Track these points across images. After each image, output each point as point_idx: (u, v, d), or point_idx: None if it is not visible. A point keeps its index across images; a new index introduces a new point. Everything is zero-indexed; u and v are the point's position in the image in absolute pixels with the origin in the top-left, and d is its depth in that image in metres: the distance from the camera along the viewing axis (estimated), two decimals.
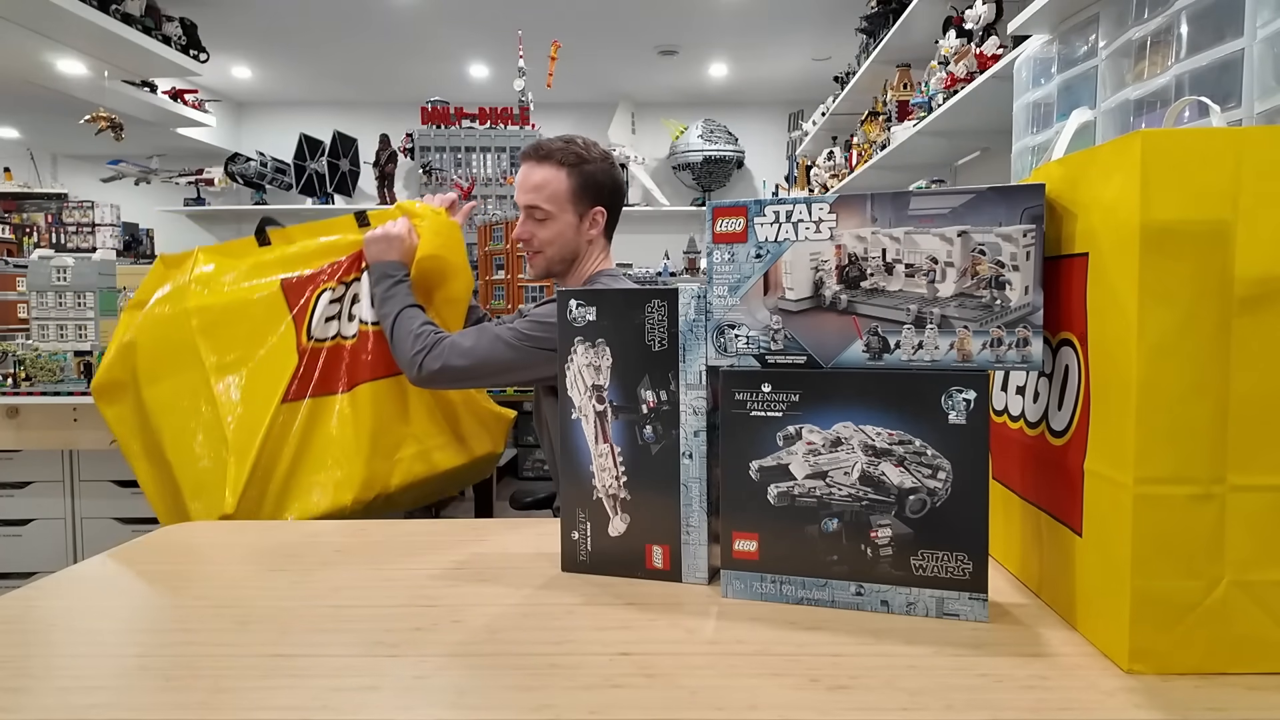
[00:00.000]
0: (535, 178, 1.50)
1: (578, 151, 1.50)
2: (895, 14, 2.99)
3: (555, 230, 1.52)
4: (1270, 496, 0.60)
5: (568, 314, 0.87)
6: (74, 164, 5.97)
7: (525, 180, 1.50)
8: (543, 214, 1.50)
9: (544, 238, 1.52)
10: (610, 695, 0.60)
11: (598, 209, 1.54)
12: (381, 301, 1.46)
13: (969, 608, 0.73)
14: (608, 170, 1.55)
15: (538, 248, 1.53)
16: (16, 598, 0.82)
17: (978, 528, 0.72)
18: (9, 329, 3.27)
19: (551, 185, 1.49)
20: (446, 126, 3.33)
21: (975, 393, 0.71)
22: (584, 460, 0.87)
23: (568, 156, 1.49)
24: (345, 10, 4.05)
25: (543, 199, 1.49)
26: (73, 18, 3.01)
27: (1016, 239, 0.70)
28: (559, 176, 1.49)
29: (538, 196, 1.49)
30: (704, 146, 5.56)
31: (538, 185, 1.49)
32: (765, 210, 0.77)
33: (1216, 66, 1.23)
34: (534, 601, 0.80)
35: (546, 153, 1.49)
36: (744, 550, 0.79)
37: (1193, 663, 0.61)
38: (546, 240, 1.52)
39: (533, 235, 1.52)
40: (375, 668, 0.65)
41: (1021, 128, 1.90)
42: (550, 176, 1.49)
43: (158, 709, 0.59)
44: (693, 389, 0.83)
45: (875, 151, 3.39)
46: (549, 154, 1.49)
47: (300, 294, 1.48)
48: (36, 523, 2.53)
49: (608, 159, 1.56)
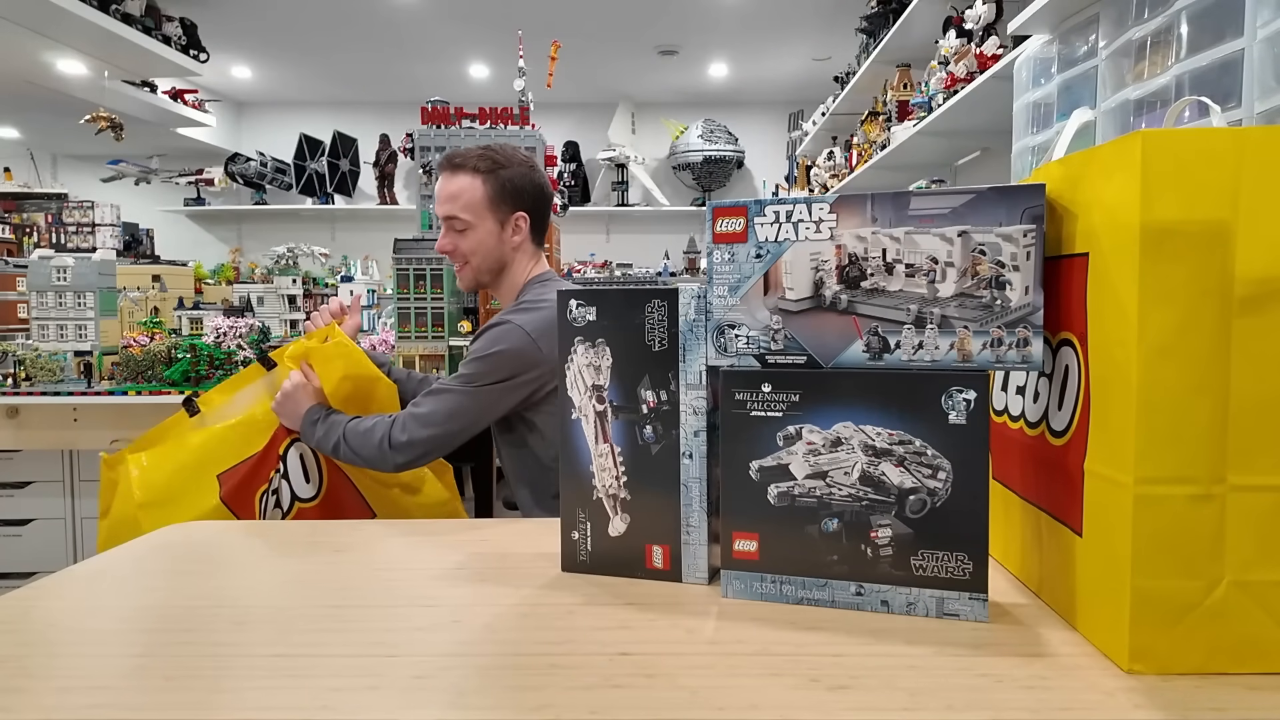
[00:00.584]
0: (451, 187, 1.48)
1: (493, 158, 1.48)
2: (895, 14, 2.99)
3: (476, 239, 1.49)
4: (1270, 496, 0.60)
5: (568, 314, 0.87)
6: (74, 164, 5.97)
7: (442, 191, 1.49)
8: (462, 224, 1.48)
9: (466, 248, 1.50)
10: (610, 695, 0.60)
11: (519, 214, 1.52)
12: (324, 440, 1.39)
13: (969, 608, 0.73)
14: (527, 174, 1.52)
15: (463, 258, 1.51)
16: (16, 598, 0.82)
17: (978, 528, 0.72)
18: (9, 329, 3.27)
19: (467, 194, 1.47)
20: (446, 126, 3.33)
21: (975, 393, 0.71)
22: (584, 460, 0.87)
23: (482, 163, 1.47)
24: (345, 10, 4.05)
25: (459, 208, 1.47)
26: (73, 18, 3.01)
27: (1017, 239, 0.70)
28: (475, 184, 1.47)
29: (454, 206, 1.47)
30: (704, 146, 5.56)
31: (453, 195, 1.47)
32: (765, 210, 0.77)
33: (1216, 66, 1.23)
34: (534, 601, 0.80)
35: (461, 161, 1.48)
36: (744, 550, 0.79)
37: (1193, 663, 0.61)
38: (469, 250, 1.50)
39: (455, 246, 1.50)
40: (375, 668, 0.65)
41: (1021, 128, 1.90)
42: (466, 185, 1.47)
43: (158, 709, 0.59)
44: (693, 389, 0.83)
45: (875, 151, 3.39)
46: (463, 163, 1.47)
47: (245, 504, 1.41)
48: (36, 523, 2.53)
49: (527, 163, 1.53)
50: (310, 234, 5.68)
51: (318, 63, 4.98)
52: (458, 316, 2.91)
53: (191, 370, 2.43)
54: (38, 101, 4.20)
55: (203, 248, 5.83)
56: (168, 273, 3.63)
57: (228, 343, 2.53)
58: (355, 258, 5.34)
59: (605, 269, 5.56)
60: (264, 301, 3.07)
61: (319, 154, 5.50)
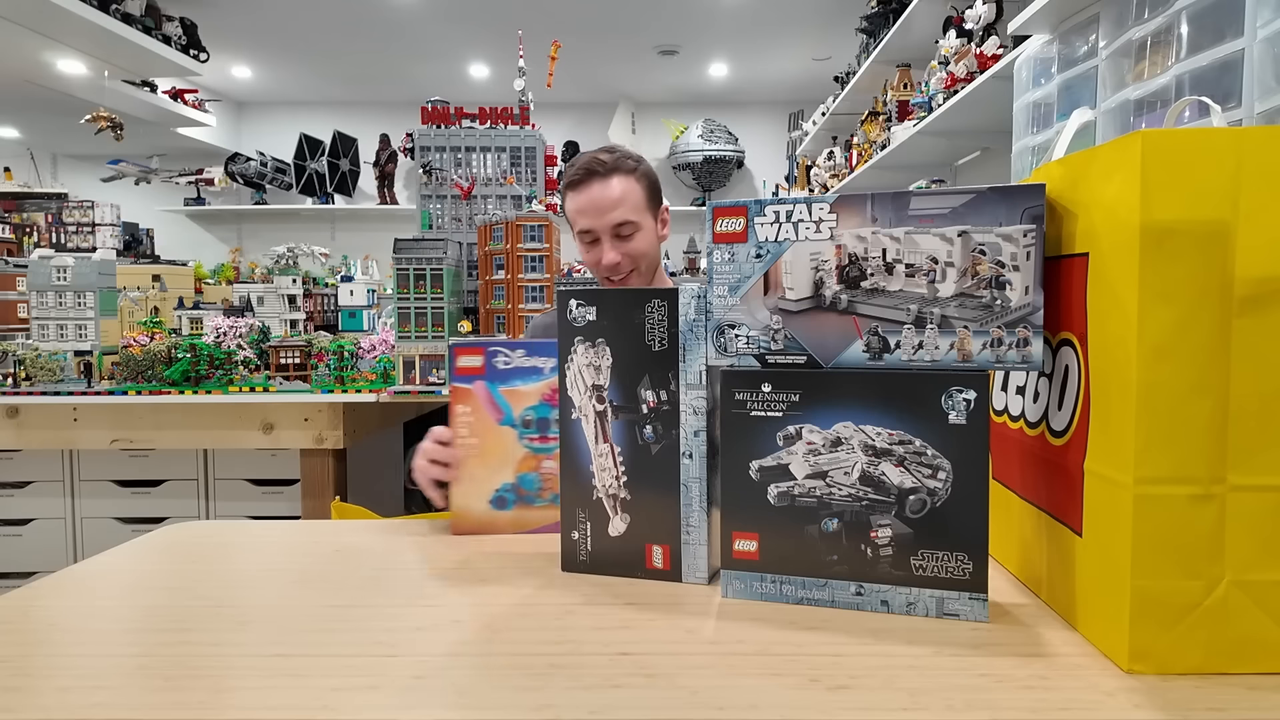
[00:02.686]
0: (613, 192, 1.38)
1: (629, 154, 1.43)
2: (895, 14, 2.99)
3: (646, 241, 1.42)
4: (1270, 496, 0.60)
5: (568, 314, 0.87)
6: (74, 164, 5.97)
7: (604, 198, 1.38)
8: (632, 227, 1.39)
9: (638, 251, 1.41)
10: (610, 695, 0.60)
11: (664, 207, 1.49)
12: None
13: (969, 608, 0.73)
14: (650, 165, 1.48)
15: (631, 264, 1.41)
16: (16, 598, 0.82)
17: (978, 528, 0.72)
18: (9, 329, 3.27)
19: (632, 195, 1.39)
20: (446, 126, 3.33)
21: (975, 393, 0.71)
22: (584, 460, 0.87)
23: (628, 163, 1.41)
24: (345, 10, 4.04)
25: (630, 210, 1.38)
26: (73, 18, 3.01)
27: (1017, 239, 0.70)
28: (633, 184, 1.40)
29: (625, 209, 1.38)
30: (704, 146, 5.56)
31: (619, 199, 1.38)
32: (765, 210, 0.77)
33: (1216, 66, 1.23)
34: (534, 601, 0.80)
35: (612, 164, 1.39)
36: (744, 550, 0.79)
37: (1193, 663, 0.61)
38: (641, 254, 1.41)
39: (625, 254, 1.39)
40: (375, 668, 0.65)
41: (1021, 128, 1.90)
42: (628, 186, 1.39)
43: (158, 709, 0.59)
44: (693, 389, 0.83)
45: (875, 151, 3.39)
46: (615, 164, 1.39)
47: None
48: (36, 523, 2.53)
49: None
50: (310, 234, 5.68)
51: (318, 63, 4.98)
52: (458, 316, 2.91)
53: (191, 370, 2.43)
54: (38, 101, 4.19)
55: (203, 247, 5.83)
56: (168, 273, 3.63)
57: (228, 342, 2.53)
58: (355, 258, 5.34)
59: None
60: (264, 301, 3.07)
61: (319, 154, 5.50)
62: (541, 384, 1.01)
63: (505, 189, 3.32)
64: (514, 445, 1.02)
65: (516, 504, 1.02)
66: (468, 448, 1.02)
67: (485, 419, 1.02)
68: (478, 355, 1.01)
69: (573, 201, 1.42)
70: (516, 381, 1.01)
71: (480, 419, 1.02)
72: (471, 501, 1.03)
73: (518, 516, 1.03)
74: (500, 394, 1.01)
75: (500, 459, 1.02)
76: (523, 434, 1.02)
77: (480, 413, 1.02)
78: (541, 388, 1.01)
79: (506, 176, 3.34)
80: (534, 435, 1.02)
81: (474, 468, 1.02)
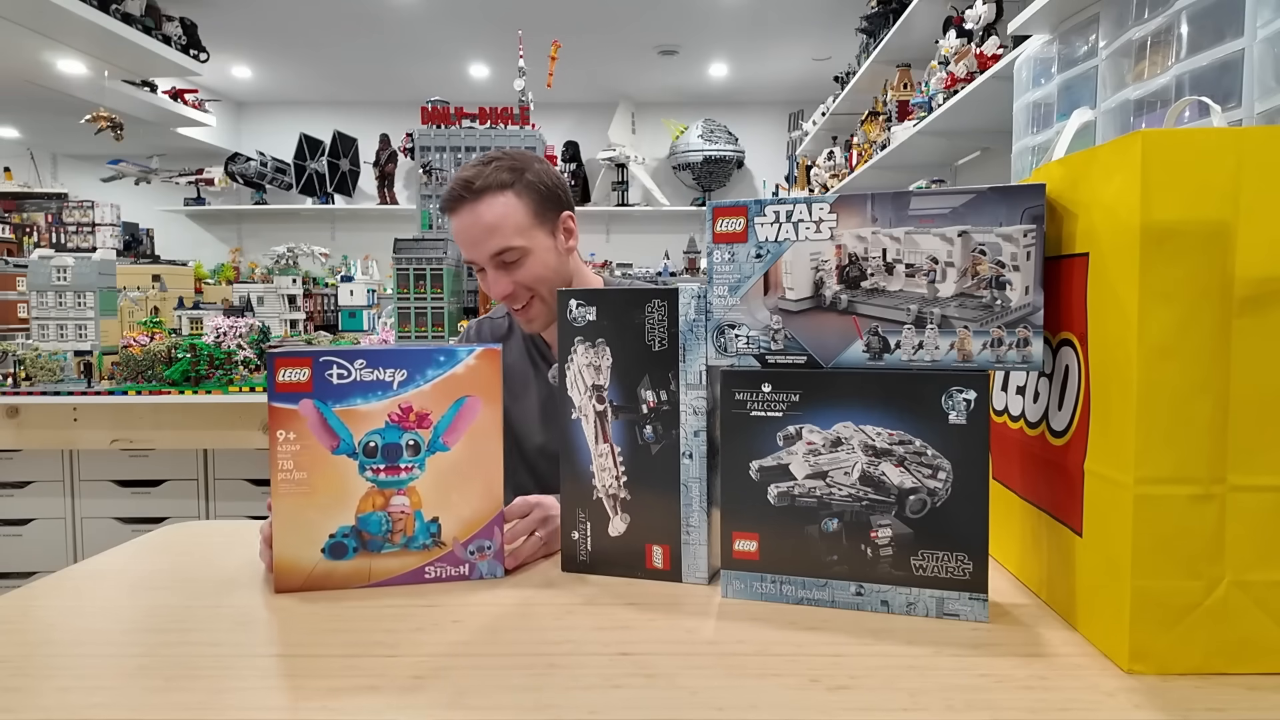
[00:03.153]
0: (485, 218, 1.16)
1: (508, 165, 1.19)
2: (895, 14, 2.99)
3: (540, 264, 1.20)
4: (1270, 497, 0.60)
5: (568, 314, 0.87)
6: (74, 164, 5.97)
7: (472, 227, 1.17)
8: (517, 253, 1.17)
9: (532, 278, 1.19)
10: (610, 695, 0.60)
11: (565, 214, 1.25)
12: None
13: (969, 608, 0.73)
14: (544, 166, 1.24)
15: (527, 294, 1.20)
16: (16, 598, 0.82)
17: (978, 528, 0.72)
18: (9, 329, 3.27)
19: (511, 216, 1.17)
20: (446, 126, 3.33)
21: (975, 393, 0.71)
22: (584, 460, 0.87)
23: (503, 176, 1.17)
24: (345, 10, 4.04)
25: (509, 236, 1.17)
26: (73, 17, 3.01)
27: (1017, 239, 0.70)
28: (510, 201, 1.17)
29: (501, 237, 1.16)
30: (704, 146, 5.56)
31: (493, 225, 1.16)
32: (765, 210, 0.77)
33: (1216, 66, 1.23)
34: (534, 601, 0.80)
35: (480, 184, 1.17)
36: (744, 550, 0.79)
37: (1193, 663, 0.61)
38: (536, 279, 1.19)
39: (517, 283, 1.19)
40: (376, 668, 0.65)
41: (1021, 128, 1.90)
42: (502, 207, 1.17)
43: (158, 709, 0.59)
44: (693, 389, 0.83)
45: (875, 151, 3.39)
46: (484, 184, 1.17)
47: None
48: (36, 523, 2.53)
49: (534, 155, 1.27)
50: (310, 234, 5.68)
51: (318, 63, 4.98)
52: (458, 316, 2.91)
53: (191, 370, 2.43)
54: (38, 101, 4.19)
55: (203, 247, 5.83)
56: (168, 272, 3.63)
57: (228, 342, 2.53)
58: (355, 258, 5.34)
59: (605, 269, 5.56)
60: (264, 301, 3.07)
61: (319, 154, 5.50)
62: (389, 401, 0.83)
63: None
64: (353, 479, 0.84)
65: (359, 551, 0.84)
66: (291, 485, 0.83)
67: (315, 447, 0.83)
68: (304, 367, 0.82)
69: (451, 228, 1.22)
70: (357, 399, 0.83)
71: (308, 447, 0.83)
72: (299, 551, 0.83)
73: (360, 566, 0.84)
74: (335, 415, 0.83)
75: (335, 497, 0.83)
76: (365, 464, 0.83)
77: (308, 440, 0.83)
78: (389, 406, 0.83)
79: None
80: (379, 466, 0.84)
81: (301, 509, 0.83)
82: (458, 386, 0.85)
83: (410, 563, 0.85)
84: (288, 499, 0.83)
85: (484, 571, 0.86)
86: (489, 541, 0.86)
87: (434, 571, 0.86)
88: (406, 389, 0.84)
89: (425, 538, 0.85)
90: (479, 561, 0.86)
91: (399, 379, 0.84)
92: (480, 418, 0.85)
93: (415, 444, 0.84)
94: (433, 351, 0.85)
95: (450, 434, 0.85)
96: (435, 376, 0.84)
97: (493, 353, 0.85)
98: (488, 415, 0.86)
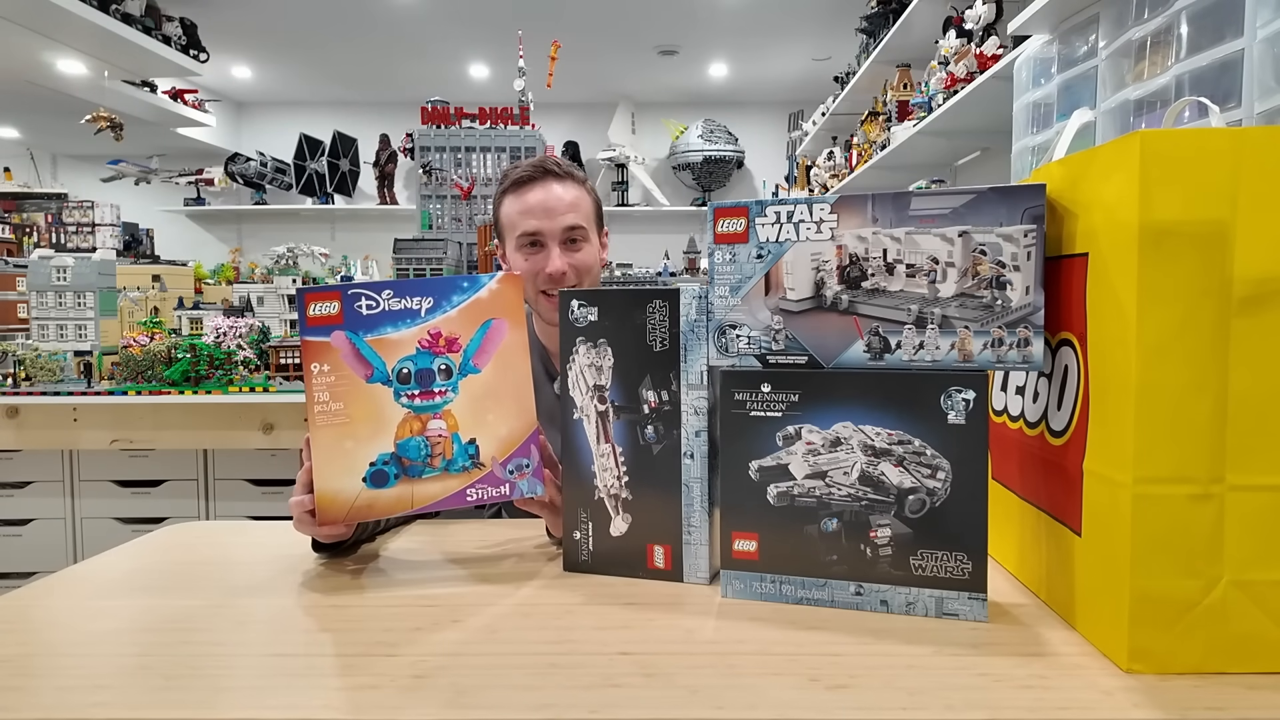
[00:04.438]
0: (567, 195, 1.26)
1: (580, 171, 1.33)
2: (895, 14, 2.99)
3: (591, 256, 1.29)
4: (1269, 496, 0.60)
5: (570, 314, 0.87)
6: (74, 164, 5.97)
7: (558, 199, 1.25)
8: (583, 234, 1.27)
9: (585, 264, 1.27)
10: (610, 695, 0.60)
11: (605, 230, 1.38)
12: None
13: (968, 607, 0.73)
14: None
15: (577, 277, 1.27)
16: (16, 598, 0.82)
17: (977, 527, 0.72)
18: (9, 329, 3.27)
19: (583, 204, 1.29)
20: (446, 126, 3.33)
21: (974, 392, 0.71)
22: (585, 460, 0.87)
23: (580, 174, 1.30)
24: (345, 10, 4.04)
25: (582, 217, 1.27)
26: (73, 18, 3.01)
27: (1017, 239, 0.70)
28: (584, 196, 1.29)
29: (577, 215, 1.26)
30: (704, 146, 5.56)
31: (574, 203, 1.26)
32: (766, 210, 0.77)
33: (1216, 66, 1.23)
34: (534, 601, 0.80)
35: (567, 169, 1.28)
36: (744, 550, 0.79)
37: (1192, 662, 0.61)
38: (586, 268, 1.28)
39: (571, 265, 1.26)
40: (376, 667, 0.65)
41: (1021, 128, 1.90)
42: (579, 195, 1.28)
43: (158, 709, 0.59)
44: (694, 389, 0.83)
45: (875, 151, 3.39)
46: (569, 171, 1.29)
47: None
48: (36, 523, 2.53)
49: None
50: (310, 234, 5.68)
51: (318, 63, 4.98)
52: None
53: (191, 370, 2.43)
54: (38, 101, 4.20)
55: (203, 248, 5.83)
56: (168, 273, 3.63)
57: (228, 343, 2.53)
58: (355, 258, 5.34)
59: (604, 269, 5.56)
60: (264, 301, 3.07)
61: (319, 154, 5.50)
62: (418, 329, 0.85)
63: None
64: (390, 406, 0.84)
65: (400, 478, 0.85)
66: (329, 416, 0.83)
67: (349, 378, 0.83)
68: (333, 300, 0.83)
69: (517, 203, 1.27)
70: (387, 328, 0.84)
71: (343, 378, 0.83)
72: (340, 482, 0.83)
73: (403, 493, 0.85)
74: (367, 345, 0.84)
75: (374, 425, 0.84)
76: (400, 391, 0.84)
77: (342, 370, 0.83)
78: (418, 333, 0.85)
79: None
80: (414, 391, 0.84)
81: (339, 439, 0.83)
82: (483, 310, 0.87)
83: (452, 486, 0.86)
84: (326, 430, 0.83)
85: (524, 490, 0.88)
86: (526, 460, 0.88)
87: (476, 493, 0.87)
88: (434, 315, 0.85)
89: (464, 459, 0.86)
90: (519, 480, 0.88)
91: (426, 306, 0.85)
92: (507, 339, 0.87)
93: (447, 368, 0.86)
94: (456, 279, 0.87)
95: (480, 356, 0.87)
96: (461, 302, 0.86)
97: (514, 278, 0.88)
98: (514, 337, 0.88)
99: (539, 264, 1.25)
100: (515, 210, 1.27)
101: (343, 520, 0.84)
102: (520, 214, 1.26)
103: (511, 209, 1.28)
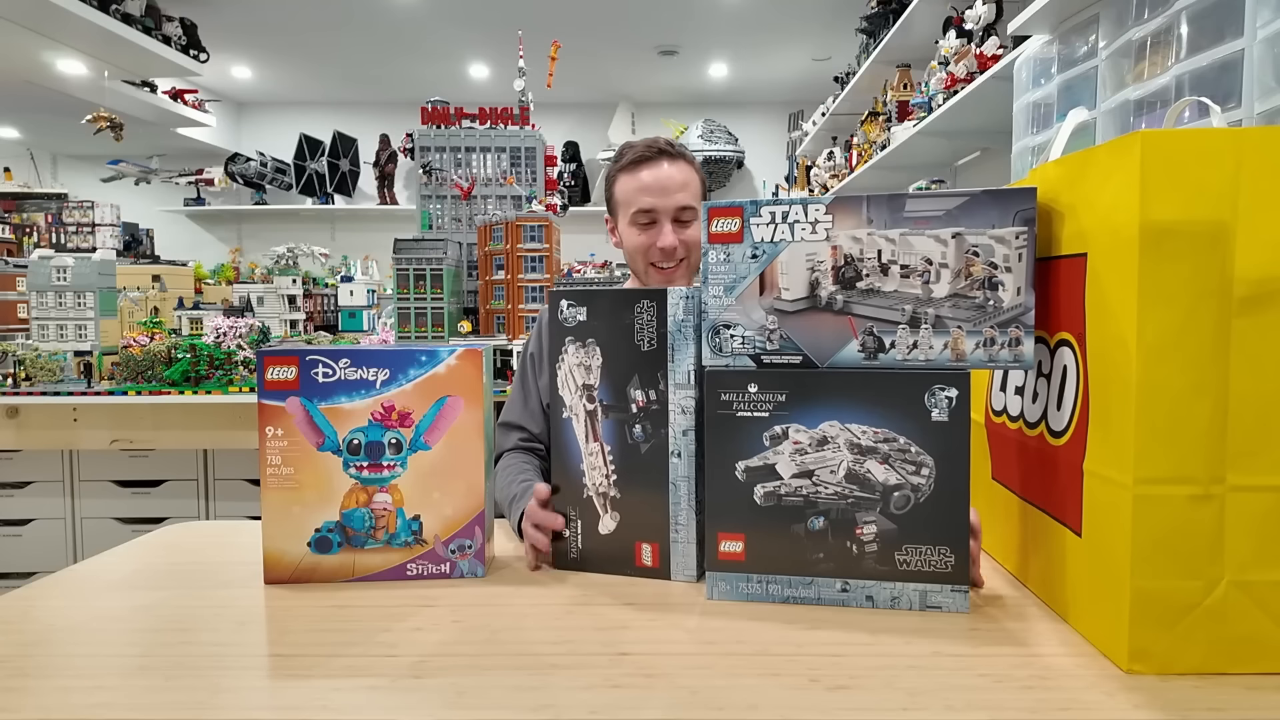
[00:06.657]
0: (679, 175, 1.31)
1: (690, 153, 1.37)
2: (895, 14, 2.99)
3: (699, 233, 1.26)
4: (1269, 496, 0.60)
5: (559, 314, 0.87)
6: (74, 164, 5.96)
7: (673, 179, 1.30)
8: (693, 214, 1.31)
9: (693, 241, 1.31)
10: (610, 695, 0.60)
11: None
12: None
13: (951, 600, 0.73)
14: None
15: (684, 255, 1.31)
16: (16, 598, 0.82)
17: (959, 521, 0.73)
18: (9, 329, 3.27)
19: (694, 185, 1.33)
20: (446, 126, 3.32)
21: (957, 390, 0.72)
22: (574, 459, 0.88)
23: (689, 155, 1.35)
24: (345, 10, 4.04)
25: (692, 196, 1.32)
26: (73, 18, 3.01)
27: (1009, 241, 0.70)
28: (695, 176, 1.34)
29: (688, 194, 1.31)
30: (704, 147, 5.55)
31: (686, 182, 1.31)
32: (761, 211, 0.77)
33: (1216, 66, 1.23)
34: (534, 601, 0.80)
35: (680, 150, 1.33)
36: (729, 551, 0.79)
37: (1192, 663, 0.61)
38: (694, 244, 1.31)
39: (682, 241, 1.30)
40: (376, 668, 0.65)
41: (1021, 128, 1.90)
42: (691, 176, 1.33)
43: (158, 709, 0.59)
44: (681, 389, 0.83)
45: (875, 152, 3.39)
46: (682, 152, 1.34)
47: None
48: (36, 523, 2.53)
49: None
50: (310, 234, 5.68)
51: (318, 63, 4.98)
52: (458, 316, 2.91)
53: (191, 370, 2.43)
54: (38, 101, 4.19)
55: (203, 248, 5.83)
56: (168, 273, 3.64)
57: (228, 343, 2.53)
58: (355, 258, 5.34)
59: (605, 269, 5.56)
60: (264, 301, 3.07)
61: (319, 154, 5.50)
62: (372, 400, 0.85)
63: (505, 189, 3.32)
64: (338, 476, 0.86)
65: (344, 546, 0.87)
66: (279, 479, 0.86)
67: (302, 444, 0.86)
68: (291, 366, 0.85)
69: (632, 181, 1.33)
70: (341, 398, 0.85)
71: (295, 444, 0.86)
72: (286, 544, 0.86)
73: (345, 561, 0.87)
74: (320, 413, 0.86)
75: (321, 493, 0.86)
76: (349, 461, 0.86)
77: (295, 436, 0.85)
78: (372, 404, 0.85)
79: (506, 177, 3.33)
80: (363, 463, 0.86)
81: (288, 504, 0.86)
82: (439, 386, 0.86)
83: (393, 559, 0.87)
84: (276, 493, 0.86)
85: (464, 570, 0.87)
86: (469, 541, 0.87)
87: (416, 569, 0.87)
88: (389, 388, 0.86)
89: (407, 535, 0.87)
90: (460, 560, 0.87)
91: (381, 378, 0.86)
92: (461, 418, 0.86)
93: (397, 442, 0.86)
94: (415, 351, 0.86)
95: (431, 433, 0.86)
96: (417, 376, 0.86)
97: (474, 354, 0.86)
98: (469, 415, 0.86)
99: (652, 238, 1.30)
100: (632, 187, 1.33)
101: (284, 581, 0.87)
102: (636, 191, 1.32)
103: (627, 186, 1.34)
